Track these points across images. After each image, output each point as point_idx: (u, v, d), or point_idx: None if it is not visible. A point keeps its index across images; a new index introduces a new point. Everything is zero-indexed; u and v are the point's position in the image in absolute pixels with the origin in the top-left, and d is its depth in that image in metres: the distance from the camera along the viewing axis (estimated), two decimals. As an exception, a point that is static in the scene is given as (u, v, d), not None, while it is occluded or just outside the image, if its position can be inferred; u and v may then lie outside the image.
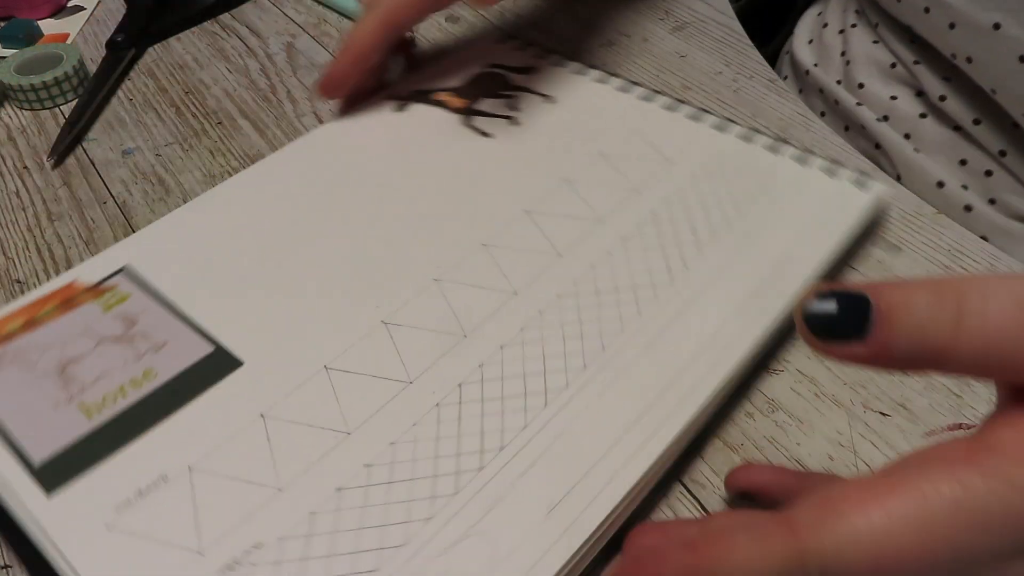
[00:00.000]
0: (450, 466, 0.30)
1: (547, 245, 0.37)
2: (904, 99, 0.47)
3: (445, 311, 0.35)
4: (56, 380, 0.33)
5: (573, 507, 0.28)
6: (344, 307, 0.35)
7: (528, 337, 0.34)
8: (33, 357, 0.34)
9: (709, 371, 0.32)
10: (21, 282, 0.40)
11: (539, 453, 0.30)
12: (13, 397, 0.33)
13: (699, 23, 0.56)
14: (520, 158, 0.42)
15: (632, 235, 0.37)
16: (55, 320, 0.35)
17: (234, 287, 0.36)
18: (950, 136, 0.45)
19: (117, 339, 0.34)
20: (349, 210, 0.40)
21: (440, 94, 0.46)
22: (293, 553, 0.28)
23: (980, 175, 0.44)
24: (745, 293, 0.35)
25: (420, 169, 0.42)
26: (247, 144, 0.48)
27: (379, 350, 0.33)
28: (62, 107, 0.51)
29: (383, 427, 0.31)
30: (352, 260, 0.37)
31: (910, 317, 0.19)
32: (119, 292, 0.36)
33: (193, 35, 0.57)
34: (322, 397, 0.32)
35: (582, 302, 0.35)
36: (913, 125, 0.47)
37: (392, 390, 0.32)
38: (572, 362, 0.33)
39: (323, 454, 0.30)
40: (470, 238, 0.38)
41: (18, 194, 0.45)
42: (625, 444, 0.30)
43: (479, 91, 0.46)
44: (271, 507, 0.29)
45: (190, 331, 0.34)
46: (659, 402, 0.31)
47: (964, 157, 0.45)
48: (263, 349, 0.34)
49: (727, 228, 0.37)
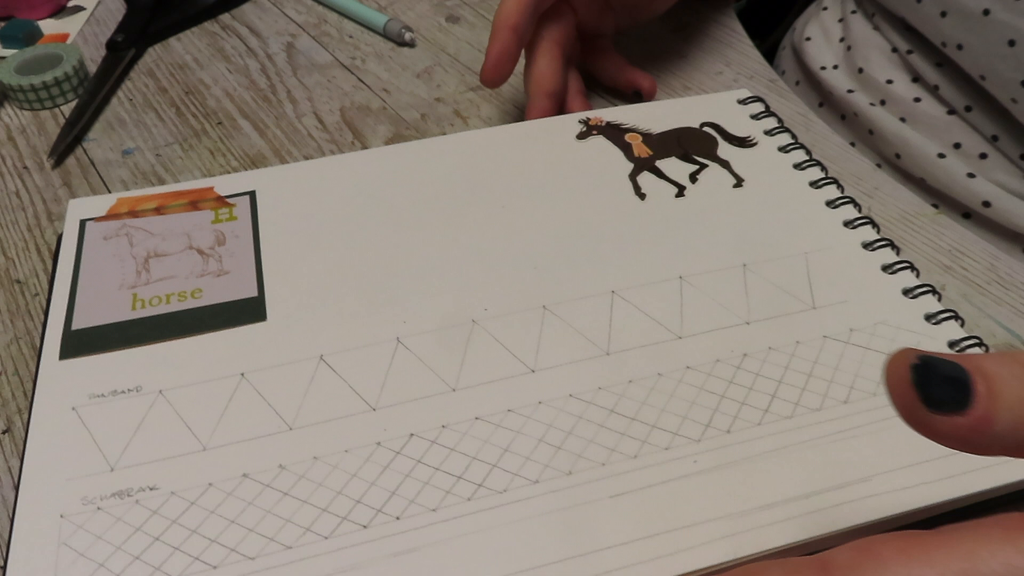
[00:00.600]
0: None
1: (676, 323, 0.35)
2: (900, 83, 0.48)
3: (526, 340, 0.34)
4: (135, 266, 0.37)
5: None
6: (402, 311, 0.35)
7: (635, 391, 0.32)
8: (138, 239, 0.38)
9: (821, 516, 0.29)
10: (21, 282, 0.40)
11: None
12: (101, 265, 0.37)
13: (699, 23, 0.56)
14: (661, 227, 0.39)
15: (782, 349, 0.34)
16: (175, 214, 0.39)
17: (322, 251, 0.38)
18: (945, 119, 0.46)
19: (201, 251, 0.38)
20: (474, 216, 0.39)
21: (632, 135, 0.43)
22: (184, 500, 0.29)
23: (975, 158, 0.45)
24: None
25: (563, 200, 0.40)
26: (247, 144, 0.48)
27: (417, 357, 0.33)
28: (62, 107, 0.51)
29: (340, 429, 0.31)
30: (445, 263, 0.37)
31: (1012, 388, 0.18)
32: (234, 211, 0.40)
33: (193, 35, 0.57)
34: (299, 384, 0.32)
35: (691, 386, 0.32)
36: (909, 109, 0.47)
37: (356, 407, 0.32)
38: (693, 431, 0.31)
39: (259, 436, 0.31)
40: (596, 282, 0.36)
41: (18, 194, 0.45)
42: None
43: (673, 148, 0.43)
44: (190, 460, 0.30)
45: (253, 270, 0.37)
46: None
47: (958, 140, 0.45)
48: (292, 317, 0.35)
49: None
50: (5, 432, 0.34)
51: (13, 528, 0.29)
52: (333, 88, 0.52)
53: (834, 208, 0.39)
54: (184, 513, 0.29)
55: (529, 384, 0.32)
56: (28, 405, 0.33)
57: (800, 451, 0.30)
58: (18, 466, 0.33)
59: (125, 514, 0.29)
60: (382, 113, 0.50)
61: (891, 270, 0.36)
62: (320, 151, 0.47)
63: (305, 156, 0.47)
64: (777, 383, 0.32)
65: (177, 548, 0.28)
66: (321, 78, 0.53)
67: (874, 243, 0.37)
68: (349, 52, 0.55)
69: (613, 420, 0.31)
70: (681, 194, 0.40)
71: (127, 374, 0.33)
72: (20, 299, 0.39)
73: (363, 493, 0.29)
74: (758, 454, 0.30)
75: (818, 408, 0.31)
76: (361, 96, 0.51)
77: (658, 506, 0.29)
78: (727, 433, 0.31)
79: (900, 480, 0.29)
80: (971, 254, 0.39)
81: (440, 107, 0.50)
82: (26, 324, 0.38)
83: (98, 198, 0.41)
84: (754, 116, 0.45)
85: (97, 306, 0.35)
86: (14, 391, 0.36)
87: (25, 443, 0.31)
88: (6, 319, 0.39)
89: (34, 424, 0.31)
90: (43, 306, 0.39)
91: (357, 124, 0.49)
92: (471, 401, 0.32)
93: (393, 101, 0.50)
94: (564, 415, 0.31)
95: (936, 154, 0.46)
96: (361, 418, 0.31)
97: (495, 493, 0.29)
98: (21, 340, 0.38)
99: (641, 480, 0.29)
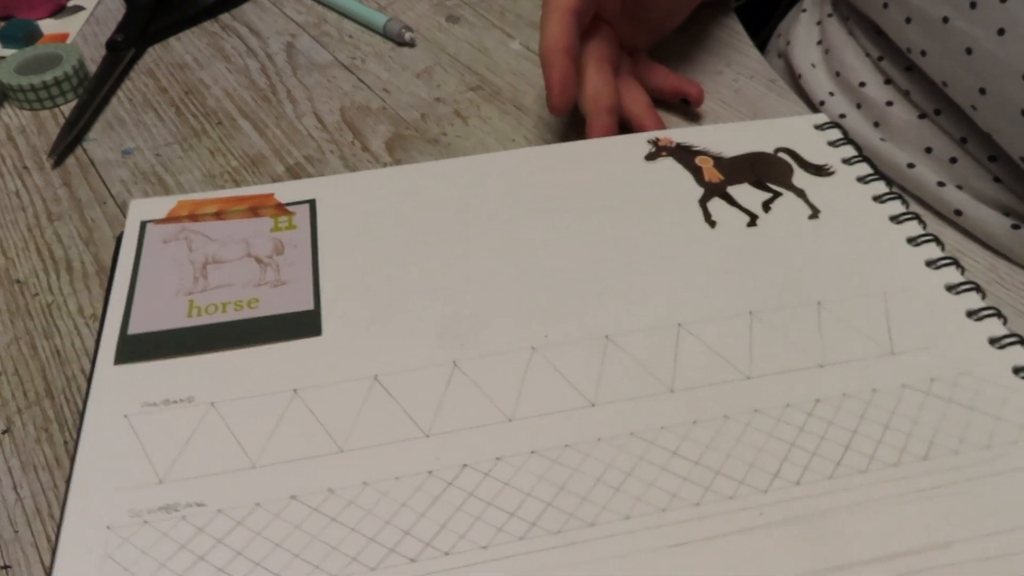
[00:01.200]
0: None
1: (745, 362, 0.33)
2: (873, 86, 0.48)
3: (587, 372, 0.33)
4: (193, 272, 0.37)
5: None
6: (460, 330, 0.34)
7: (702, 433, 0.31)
8: (197, 244, 0.38)
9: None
10: (21, 282, 0.40)
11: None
12: (159, 269, 0.37)
13: (699, 23, 0.56)
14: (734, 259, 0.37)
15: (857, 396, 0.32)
16: (235, 220, 0.39)
17: (380, 266, 0.37)
18: (916, 123, 0.46)
19: (260, 259, 0.37)
20: (537, 236, 0.38)
21: (703, 159, 0.41)
22: (230, 519, 0.29)
23: (946, 162, 0.45)
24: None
25: (630, 224, 0.38)
26: (247, 144, 0.48)
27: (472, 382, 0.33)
28: (62, 107, 0.51)
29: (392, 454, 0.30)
30: (506, 284, 0.36)
31: None
32: (293, 220, 0.39)
33: (193, 35, 0.57)
34: (352, 404, 0.32)
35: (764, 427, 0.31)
36: (882, 113, 0.47)
37: (410, 432, 0.31)
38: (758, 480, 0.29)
39: (309, 456, 0.30)
40: (662, 313, 0.35)
41: (18, 194, 0.45)
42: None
43: (746, 173, 0.41)
44: (238, 477, 0.30)
45: (311, 282, 0.36)
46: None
47: (930, 144, 0.45)
48: (347, 334, 0.34)
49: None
50: (5, 432, 0.34)
51: (60, 534, 0.28)
52: (333, 88, 0.52)
53: (916, 246, 0.37)
54: (230, 533, 0.28)
55: (588, 419, 0.31)
56: (30, 401, 0.33)
57: (874, 509, 0.28)
58: (18, 466, 0.33)
59: (171, 530, 0.28)
60: (382, 113, 0.50)
61: (976, 316, 0.34)
62: (320, 151, 0.47)
63: (305, 156, 0.47)
64: (851, 433, 0.30)
65: (221, 570, 0.27)
66: (321, 78, 0.53)
67: (959, 286, 0.35)
68: (349, 52, 0.55)
69: (676, 463, 0.30)
70: (753, 223, 0.38)
71: (180, 383, 0.32)
72: (20, 299, 0.39)
73: (412, 524, 0.28)
74: (829, 510, 0.28)
75: (895, 463, 0.30)
76: (361, 96, 0.51)
77: (721, 561, 0.27)
78: (796, 485, 0.29)
79: (982, 549, 0.27)
80: (971, 254, 0.39)
81: (440, 107, 0.50)
82: (26, 324, 0.38)
83: (159, 199, 0.40)
84: (831, 143, 0.42)
85: (154, 311, 0.35)
86: (14, 391, 0.36)
87: (76, 447, 0.31)
88: (6, 319, 0.39)
89: (86, 429, 0.31)
90: (43, 306, 0.39)
91: (357, 124, 0.49)
92: (527, 433, 0.31)
93: (393, 101, 0.50)
94: (624, 454, 0.30)
95: (906, 164, 0.45)
96: (414, 444, 0.30)
97: (549, 534, 0.28)
98: (21, 340, 0.38)
99: (703, 530, 0.28)
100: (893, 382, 0.32)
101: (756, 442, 0.30)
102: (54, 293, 0.40)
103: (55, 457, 0.33)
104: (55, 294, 0.40)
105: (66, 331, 0.38)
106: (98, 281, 0.40)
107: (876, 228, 0.38)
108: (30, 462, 0.33)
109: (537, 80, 0.51)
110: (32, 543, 0.31)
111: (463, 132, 0.48)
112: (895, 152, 0.46)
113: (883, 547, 0.27)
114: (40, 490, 0.32)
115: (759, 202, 0.39)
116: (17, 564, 0.30)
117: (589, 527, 0.28)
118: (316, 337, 0.34)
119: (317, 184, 0.41)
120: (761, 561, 0.27)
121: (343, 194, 0.40)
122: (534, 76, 0.51)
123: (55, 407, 0.35)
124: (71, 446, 0.33)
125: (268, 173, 0.46)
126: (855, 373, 0.32)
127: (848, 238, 0.38)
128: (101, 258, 0.41)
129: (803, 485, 0.29)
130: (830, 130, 0.43)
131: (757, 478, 0.29)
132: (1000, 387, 0.32)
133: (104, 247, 0.42)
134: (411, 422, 0.31)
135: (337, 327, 0.34)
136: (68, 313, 0.39)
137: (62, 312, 0.39)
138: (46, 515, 0.32)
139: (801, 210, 0.39)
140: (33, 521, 0.31)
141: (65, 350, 0.37)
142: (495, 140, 0.47)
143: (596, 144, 0.43)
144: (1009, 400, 0.31)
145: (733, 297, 0.35)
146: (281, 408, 0.32)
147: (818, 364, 0.33)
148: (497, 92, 0.51)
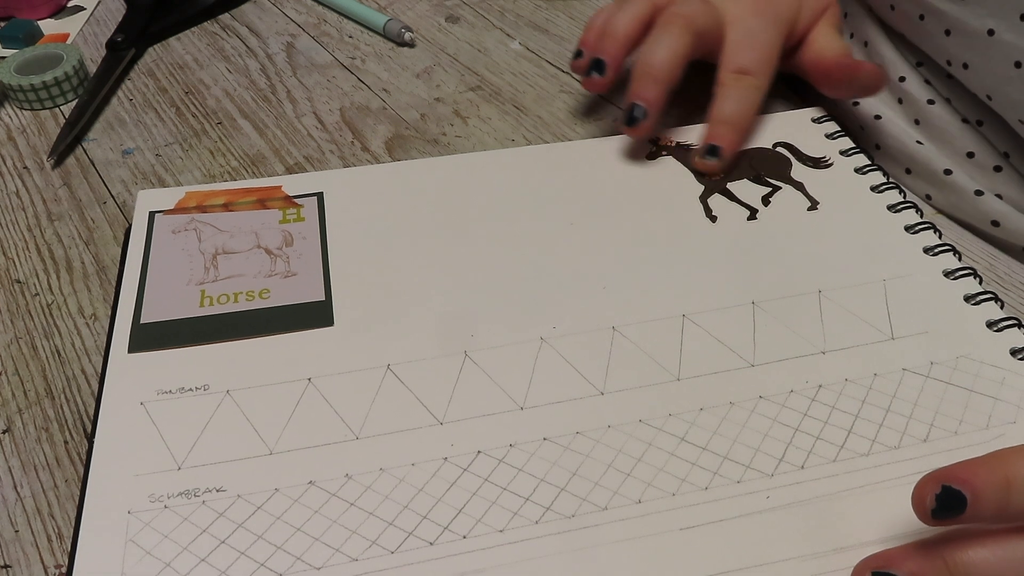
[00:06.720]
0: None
1: (748, 350, 0.34)
2: (913, 82, 0.46)
3: (595, 362, 0.33)
4: (203, 262, 0.37)
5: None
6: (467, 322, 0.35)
7: (706, 419, 0.31)
8: (206, 234, 0.38)
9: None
10: (21, 282, 0.41)
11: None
12: (169, 259, 0.37)
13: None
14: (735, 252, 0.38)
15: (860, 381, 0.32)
16: (243, 212, 0.39)
17: (389, 258, 0.37)
18: (959, 126, 0.44)
19: (269, 251, 0.38)
20: (542, 232, 0.38)
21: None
22: (250, 504, 0.29)
23: (989, 170, 0.43)
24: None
25: (632, 220, 0.39)
26: (247, 144, 0.48)
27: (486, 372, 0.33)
28: (62, 107, 0.51)
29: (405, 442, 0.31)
30: (513, 278, 0.36)
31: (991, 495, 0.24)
32: (301, 212, 0.39)
33: (193, 35, 0.57)
34: (366, 392, 0.32)
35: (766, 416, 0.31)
36: (923, 111, 0.46)
37: (423, 420, 0.31)
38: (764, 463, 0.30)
39: (325, 443, 0.31)
40: (666, 305, 0.35)
41: (18, 194, 0.46)
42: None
43: (745, 169, 0.41)
44: (256, 463, 0.30)
45: (320, 274, 0.37)
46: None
47: (972, 150, 0.44)
48: (359, 324, 0.35)
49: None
50: (5, 432, 0.34)
51: (81, 520, 0.29)
52: (333, 88, 0.52)
53: (914, 233, 0.38)
54: (250, 518, 0.29)
55: (598, 407, 0.32)
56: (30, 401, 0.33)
57: (877, 492, 0.29)
58: (18, 466, 0.33)
59: (192, 514, 0.29)
60: (382, 113, 0.50)
61: (974, 301, 0.35)
62: (320, 151, 0.47)
63: (305, 156, 0.47)
64: (853, 417, 0.31)
65: (243, 553, 0.28)
66: (321, 78, 0.53)
67: (956, 271, 0.36)
68: (349, 52, 0.55)
69: (684, 449, 0.30)
70: (753, 217, 0.39)
71: (195, 372, 0.33)
72: (20, 299, 0.40)
73: (429, 509, 0.29)
74: (833, 493, 0.29)
75: (896, 446, 0.30)
76: (361, 96, 0.51)
77: (730, 543, 0.28)
78: (801, 469, 0.30)
79: None
80: (971, 254, 0.39)
81: (440, 107, 0.50)
82: (26, 324, 0.38)
83: (166, 190, 0.41)
84: (829, 135, 0.43)
85: (166, 301, 0.36)
86: (14, 391, 0.36)
87: (93, 434, 0.31)
88: (6, 319, 0.39)
89: (103, 416, 0.32)
90: (43, 306, 0.39)
91: (357, 124, 0.49)
92: (539, 421, 0.31)
93: (393, 101, 0.51)
94: (634, 441, 0.31)
95: (943, 170, 0.44)
96: (428, 431, 0.31)
97: (563, 518, 0.28)
98: (21, 340, 0.38)
99: (712, 513, 0.29)
100: (894, 366, 0.33)
101: (761, 428, 0.31)
102: (54, 293, 0.40)
103: (55, 457, 0.33)
104: (55, 294, 0.40)
105: (66, 331, 0.38)
106: (98, 281, 0.40)
107: (874, 217, 0.39)
108: (30, 462, 0.33)
109: (537, 80, 0.51)
110: (32, 543, 0.31)
111: (463, 132, 0.48)
112: (932, 157, 0.44)
113: (886, 529, 0.28)
114: (40, 490, 0.32)
115: (759, 196, 0.40)
116: (17, 564, 0.30)
117: (602, 511, 0.29)
118: (328, 327, 0.34)
119: (324, 177, 0.41)
120: (769, 543, 0.28)
121: (350, 187, 0.41)
122: (534, 76, 0.52)
123: (55, 407, 0.35)
124: (71, 446, 0.33)
125: (268, 173, 0.46)
126: (856, 359, 0.33)
127: (847, 228, 0.38)
128: (101, 258, 0.41)
129: (808, 469, 0.30)
130: (827, 123, 0.44)
131: (763, 463, 0.30)
132: (998, 369, 0.33)
133: (104, 247, 0.42)
134: (425, 410, 0.32)
135: (348, 317, 0.35)
136: (68, 313, 0.39)
137: (62, 312, 0.39)
138: (46, 515, 0.32)
139: (800, 202, 0.40)
140: (33, 521, 0.31)
141: (65, 350, 0.37)
142: (495, 140, 0.47)
143: (598, 144, 0.44)
144: (1007, 381, 0.32)
145: (736, 288, 0.36)
146: (296, 396, 0.32)
147: (820, 351, 0.33)
148: (497, 92, 0.51)
